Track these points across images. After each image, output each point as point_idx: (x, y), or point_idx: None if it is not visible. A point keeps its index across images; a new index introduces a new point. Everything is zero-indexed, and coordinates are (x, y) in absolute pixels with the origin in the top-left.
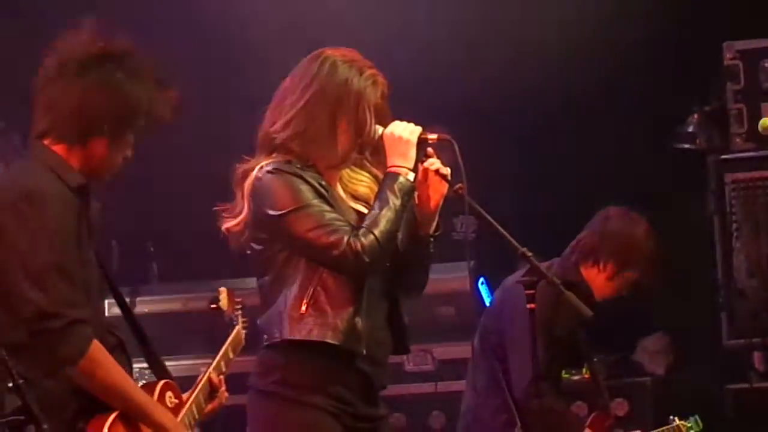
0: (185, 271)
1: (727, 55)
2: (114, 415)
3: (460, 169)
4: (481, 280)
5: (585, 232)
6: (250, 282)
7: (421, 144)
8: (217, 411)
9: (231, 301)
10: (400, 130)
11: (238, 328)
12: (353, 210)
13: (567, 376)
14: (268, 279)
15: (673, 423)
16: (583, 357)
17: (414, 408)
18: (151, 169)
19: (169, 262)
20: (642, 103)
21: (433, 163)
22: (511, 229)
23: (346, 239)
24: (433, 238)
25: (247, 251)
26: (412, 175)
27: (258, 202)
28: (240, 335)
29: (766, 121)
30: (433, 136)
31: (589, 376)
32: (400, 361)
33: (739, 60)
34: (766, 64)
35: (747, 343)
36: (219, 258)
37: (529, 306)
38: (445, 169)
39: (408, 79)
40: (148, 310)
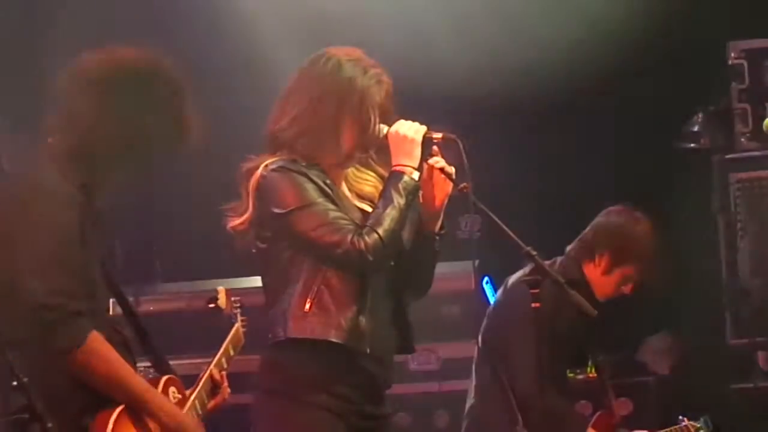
0: (188, 271)
1: (732, 55)
2: (119, 410)
3: (465, 168)
4: (486, 279)
5: (586, 230)
6: (253, 281)
7: (426, 143)
8: (219, 407)
9: (229, 300)
10: (405, 128)
11: (237, 325)
12: (358, 208)
13: (572, 375)
14: (272, 277)
15: (682, 423)
16: (588, 356)
17: (418, 407)
18: (155, 168)
19: (173, 261)
20: (647, 102)
21: (438, 161)
22: (516, 228)
23: (349, 238)
24: (438, 236)
25: (252, 250)
26: (416, 174)
27: (263, 201)
28: (239, 333)
29: None
30: (438, 135)
31: (593, 375)
32: (404, 360)
33: (744, 59)
34: None
35: (751, 343)
36: (222, 257)
37: (533, 305)
38: (449, 168)
39: (412, 78)
40: (151, 309)
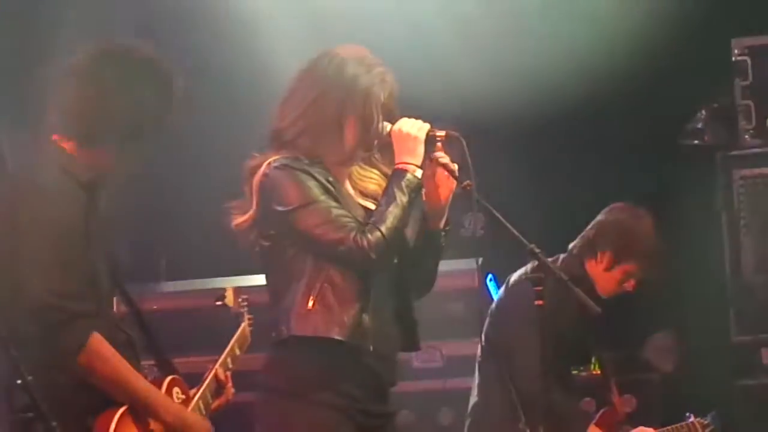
0: (193, 268)
1: (736, 51)
2: (122, 411)
3: (468, 165)
4: (490, 276)
5: (589, 227)
6: (258, 279)
7: (429, 141)
8: (223, 407)
9: (236, 299)
10: (408, 126)
11: (244, 325)
12: (361, 206)
13: (575, 372)
14: (276, 275)
15: (689, 419)
16: (592, 353)
17: (423, 405)
18: (160, 166)
19: (178, 259)
20: (650, 99)
21: (442, 156)
22: (519, 225)
23: (352, 235)
24: (444, 233)
25: (256, 248)
26: (419, 172)
27: (266, 198)
28: (246, 332)
29: None
30: (441, 133)
31: (597, 372)
32: (408, 358)
33: (748, 56)
34: None
35: (755, 340)
36: (227, 255)
37: (537, 302)
38: (452, 165)
39: (416, 77)
40: (155, 307)
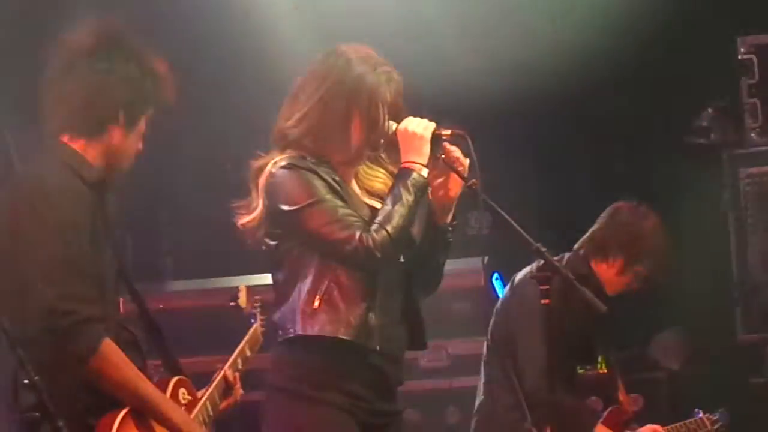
0: (200, 268)
1: (742, 50)
2: (124, 412)
3: (474, 164)
4: (496, 275)
5: (595, 227)
6: (265, 278)
7: (436, 140)
8: (231, 408)
9: (250, 299)
10: (414, 125)
11: (256, 326)
12: (367, 206)
13: (582, 371)
14: (282, 275)
15: (698, 416)
16: (598, 352)
17: (429, 404)
18: (166, 165)
19: (184, 258)
20: (656, 98)
21: (454, 150)
22: (525, 224)
23: (358, 234)
24: (450, 227)
25: (263, 247)
26: (425, 171)
27: (272, 198)
28: (258, 333)
29: None
30: (447, 132)
31: (604, 371)
32: (414, 357)
33: (754, 54)
34: None
35: (761, 338)
36: (234, 254)
37: (543, 301)
38: (464, 160)
39: (422, 77)
40: (161, 306)
